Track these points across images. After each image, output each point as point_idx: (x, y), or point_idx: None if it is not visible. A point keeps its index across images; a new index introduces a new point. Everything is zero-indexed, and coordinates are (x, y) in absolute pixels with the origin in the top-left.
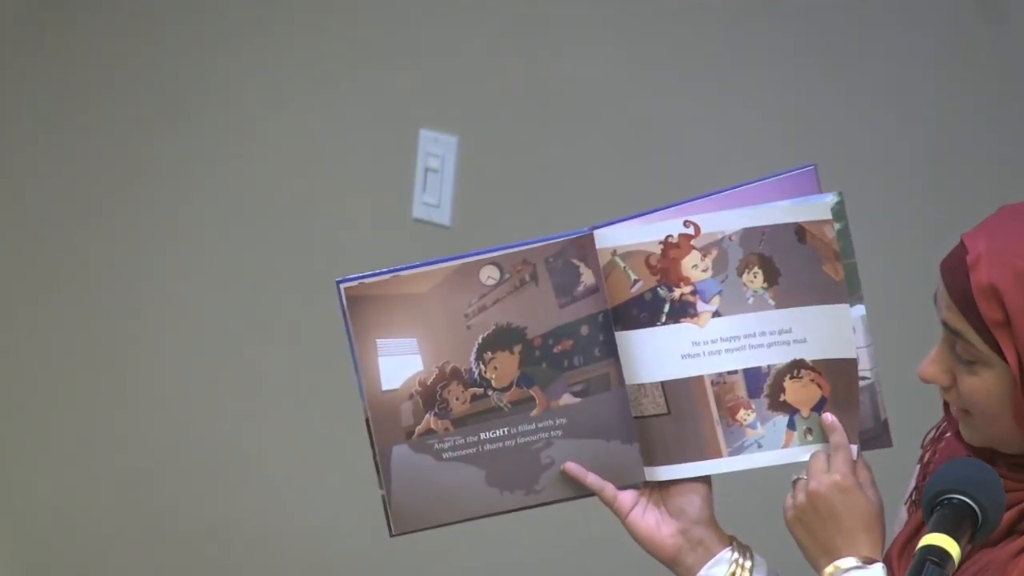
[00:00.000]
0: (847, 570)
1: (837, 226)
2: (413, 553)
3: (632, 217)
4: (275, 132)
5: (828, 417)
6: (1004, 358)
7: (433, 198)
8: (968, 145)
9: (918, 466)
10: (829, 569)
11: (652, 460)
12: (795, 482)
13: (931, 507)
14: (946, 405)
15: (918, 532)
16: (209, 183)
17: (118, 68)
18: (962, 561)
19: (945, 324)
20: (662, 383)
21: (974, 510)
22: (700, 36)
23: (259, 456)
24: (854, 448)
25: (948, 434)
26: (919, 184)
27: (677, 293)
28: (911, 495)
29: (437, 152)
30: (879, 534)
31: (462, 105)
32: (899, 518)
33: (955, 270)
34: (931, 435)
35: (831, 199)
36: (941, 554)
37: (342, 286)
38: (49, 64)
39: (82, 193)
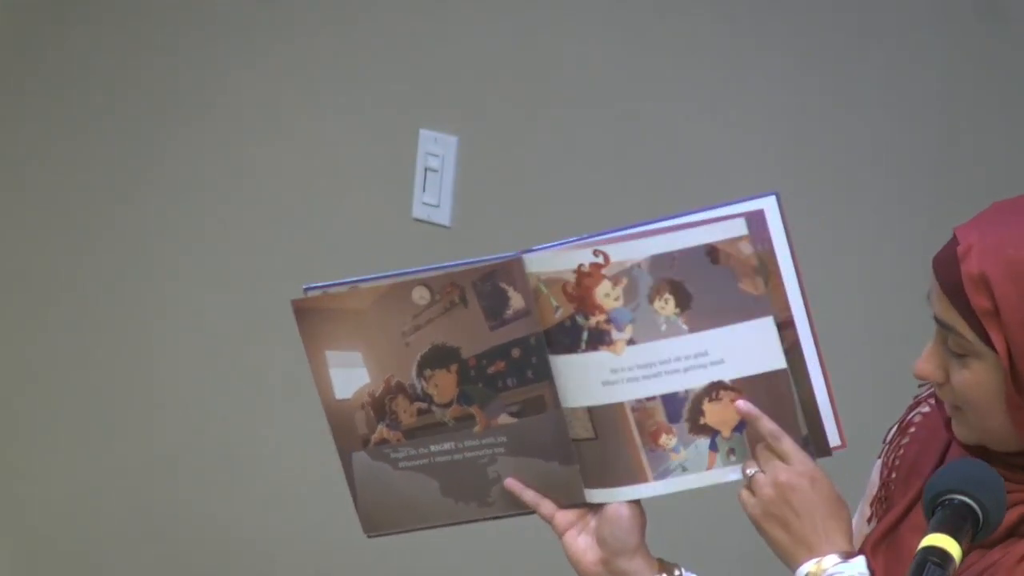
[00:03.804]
0: (831, 567)
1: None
2: (413, 553)
3: (562, 243)
4: (275, 132)
5: (741, 404)
6: (994, 349)
7: (433, 198)
8: (968, 145)
9: (878, 461)
10: (812, 568)
11: (588, 482)
12: (751, 477)
13: (932, 507)
14: (939, 401)
15: (894, 528)
16: (209, 183)
17: (118, 69)
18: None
19: (937, 319)
20: (588, 408)
21: (975, 511)
22: (701, 37)
23: (260, 456)
24: None
25: (912, 429)
26: (918, 184)
27: (593, 321)
28: (879, 491)
29: (437, 152)
30: (849, 522)
31: (462, 105)
32: (862, 514)
33: (947, 263)
34: (893, 431)
35: (742, 221)
36: (942, 555)
37: (295, 299)
38: (52, 66)
39: (83, 193)
